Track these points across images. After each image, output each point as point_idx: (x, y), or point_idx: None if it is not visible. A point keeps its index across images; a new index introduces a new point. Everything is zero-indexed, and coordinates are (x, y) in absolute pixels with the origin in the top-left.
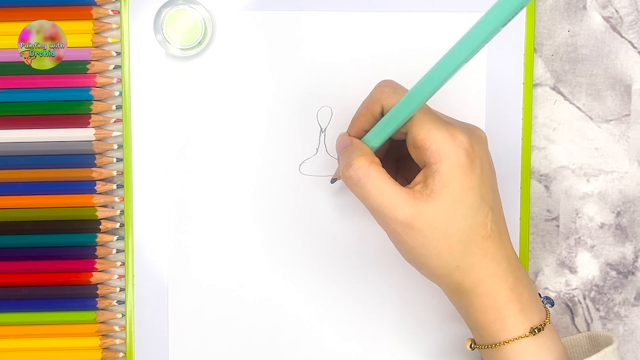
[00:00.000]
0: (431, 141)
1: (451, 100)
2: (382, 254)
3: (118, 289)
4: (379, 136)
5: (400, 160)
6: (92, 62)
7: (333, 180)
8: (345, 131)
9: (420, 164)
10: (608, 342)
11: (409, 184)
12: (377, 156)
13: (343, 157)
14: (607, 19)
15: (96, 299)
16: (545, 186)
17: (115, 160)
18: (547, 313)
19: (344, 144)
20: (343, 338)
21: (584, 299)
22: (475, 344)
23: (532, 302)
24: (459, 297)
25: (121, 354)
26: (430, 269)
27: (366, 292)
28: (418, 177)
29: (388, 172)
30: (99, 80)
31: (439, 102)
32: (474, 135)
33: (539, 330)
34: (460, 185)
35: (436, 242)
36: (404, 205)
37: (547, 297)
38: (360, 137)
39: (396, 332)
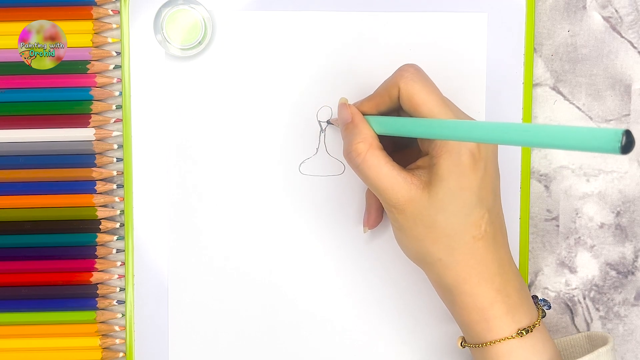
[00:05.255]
0: None
1: (451, 99)
2: (383, 253)
3: (118, 289)
4: (386, 130)
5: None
6: (92, 62)
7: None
8: (346, 100)
9: (424, 150)
10: (605, 342)
11: (409, 161)
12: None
13: (344, 137)
14: (607, 19)
15: (96, 299)
16: (545, 186)
17: (115, 160)
18: (539, 315)
19: (345, 118)
20: (343, 336)
21: (584, 298)
22: (465, 342)
23: (521, 304)
24: (443, 291)
25: (121, 354)
26: (412, 253)
27: (366, 291)
28: (420, 162)
29: (390, 141)
30: (99, 80)
31: None
32: None
33: (527, 331)
34: (456, 183)
35: (422, 229)
36: (399, 189)
37: (544, 300)
38: (371, 114)
39: (395, 330)
